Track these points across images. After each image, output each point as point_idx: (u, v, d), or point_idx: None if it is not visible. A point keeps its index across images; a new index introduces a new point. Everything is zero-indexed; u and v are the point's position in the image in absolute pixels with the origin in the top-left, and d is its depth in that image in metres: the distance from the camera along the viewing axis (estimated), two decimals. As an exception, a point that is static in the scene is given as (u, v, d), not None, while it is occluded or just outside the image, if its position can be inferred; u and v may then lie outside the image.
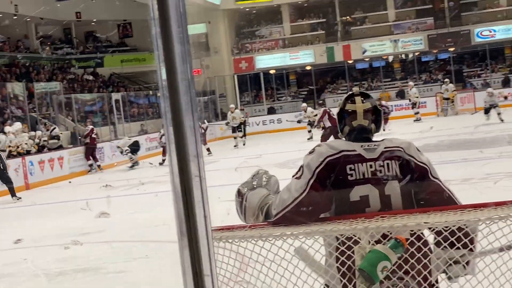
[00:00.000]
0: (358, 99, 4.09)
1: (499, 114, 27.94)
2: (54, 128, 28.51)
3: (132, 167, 26.53)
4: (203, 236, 1.76)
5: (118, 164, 27.77)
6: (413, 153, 3.90)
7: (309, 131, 29.95)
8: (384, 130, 27.37)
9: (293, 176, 3.89)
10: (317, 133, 27.25)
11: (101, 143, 28.71)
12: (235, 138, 31.74)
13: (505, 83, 42.29)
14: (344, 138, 4.11)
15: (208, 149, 27.61)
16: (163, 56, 1.73)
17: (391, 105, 34.44)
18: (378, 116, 4.12)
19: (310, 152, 3.89)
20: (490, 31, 44.34)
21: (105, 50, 44.72)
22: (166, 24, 1.72)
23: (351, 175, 3.79)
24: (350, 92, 4.26)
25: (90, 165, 26.89)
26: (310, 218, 3.76)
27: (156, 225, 12.41)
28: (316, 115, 29.92)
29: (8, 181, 20.10)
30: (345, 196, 3.80)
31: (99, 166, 27.16)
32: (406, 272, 3.49)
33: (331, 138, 21.72)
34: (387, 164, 3.85)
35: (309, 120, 30.24)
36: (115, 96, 36.27)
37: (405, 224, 3.56)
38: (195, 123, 1.74)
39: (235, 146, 31.05)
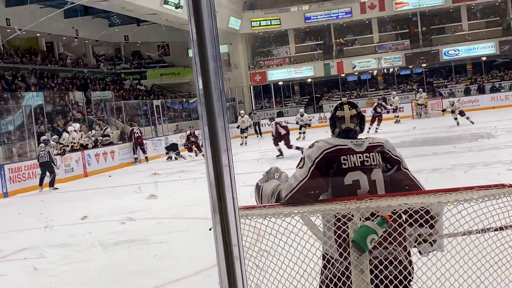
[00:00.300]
0: (346, 107, 4.23)
1: (467, 118, 27.05)
2: (106, 128, 28.56)
3: (169, 158, 26.58)
4: (231, 214, 1.77)
5: (163, 156, 27.74)
6: (390, 148, 4.07)
7: (301, 133, 30.27)
8: (376, 131, 27.10)
9: (296, 167, 3.99)
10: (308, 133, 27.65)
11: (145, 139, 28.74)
12: (241, 137, 31.73)
13: (466, 92, 42.21)
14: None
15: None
16: (200, 70, 1.73)
17: (389, 106, 34.11)
18: (362, 120, 4.25)
19: (310, 147, 4.04)
20: (455, 51, 44.16)
21: (147, 66, 44.81)
22: (202, 44, 1.72)
23: (345, 164, 3.92)
24: (340, 102, 4.40)
25: (135, 158, 26.93)
26: (311, 197, 3.89)
27: (194, 205, 12.37)
28: (311, 119, 30.02)
29: (52, 172, 19.99)
30: (340, 180, 3.91)
31: (146, 158, 27.23)
32: (390, 243, 3.54)
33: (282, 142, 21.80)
34: (372, 156, 3.99)
35: (303, 124, 30.09)
36: (156, 102, 36.32)
37: (389, 205, 3.58)
38: (225, 124, 1.75)
39: (241, 144, 30.83)
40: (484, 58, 44.36)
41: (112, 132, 29.05)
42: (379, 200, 3.71)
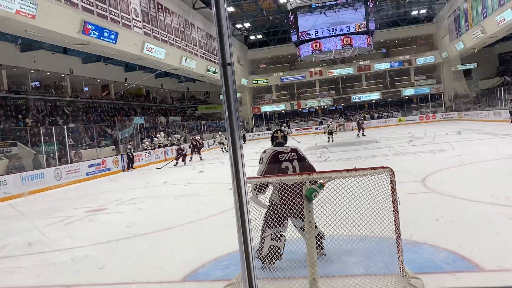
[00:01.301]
0: (279, 131, 4.69)
1: (333, 136, 23.97)
2: (177, 136, 28.55)
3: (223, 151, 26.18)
4: (242, 180, 1.77)
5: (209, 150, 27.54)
6: (300, 151, 4.47)
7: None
8: (364, 135, 25.48)
9: (259, 163, 4.41)
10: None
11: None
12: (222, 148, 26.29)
13: (365, 119, 42.16)
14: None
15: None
16: (226, 106, 1.74)
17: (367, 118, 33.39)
18: (285, 138, 4.66)
19: (263, 152, 4.43)
20: (359, 97, 44.27)
21: (199, 103, 44.81)
22: (228, 93, 1.73)
23: (281, 158, 4.33)
24: (276, 128, 5.14)
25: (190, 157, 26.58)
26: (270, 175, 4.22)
27: (223, 176, 12.46)
28: (287, 132, 28.98)
29: (132, 160, 19.66)
30: (279, 166, 4.29)
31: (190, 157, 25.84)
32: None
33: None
34: (293, 154, 4.39)
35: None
36: (203, 122, 36.29)
37: (324, 177, 3.58)
38: (240, 133, 1.76)
39: (222, 151, 25.74)
40: (374, 101, 44.46)
41: (180, 138, 29.08)
42: (319, 174, 3.73)
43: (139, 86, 34.23)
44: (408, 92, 43.13)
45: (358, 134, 26.21)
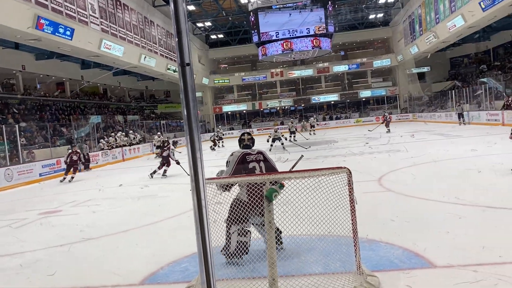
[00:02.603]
0: (246, 134, 4.86)
1: (282, 144, 19.94)
2: (135, 135, 27.94)
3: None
4: (201, 182, 1.75)
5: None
6: (265, 153, 4.62)
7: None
8: (389, 131, 24.57)
9: (226, 166, 4.50)
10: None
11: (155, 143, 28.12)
12: (155, 153, 23.42)
13: (324, 119, 43.03)
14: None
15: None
16: (185, 105, 1.71)
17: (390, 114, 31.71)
18: (253, 140, 4.78)
19: (231, 155, 4.55)
20: (318, 98, 45.01)
21: (158, 102, 44.07)
22: (186, 92, 1.70)
23: (248, 159, 4.47)
24: (243, 131, 5.15)
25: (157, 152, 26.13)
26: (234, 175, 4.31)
27: (182, 176, 12.25)
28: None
29: (87, 161, 18.92)
30: (246, 166, 4.43)
31: (158, 154, 24.99)
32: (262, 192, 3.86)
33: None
34: (259, 156, 4.55)
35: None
36: (162, 122, 35.74)
37: (284, 177, 3.61)
38: (199, 135, 1.73)
39: (155, 157, 22.16)
40: (332, 102, 45.34)
41: (139, 138, 28.45)
42: (279, 175, 3.74)
43: (95, 84, 33.27)
44: (365, 93, 44.35)
45: (388, 130, 25.07)
